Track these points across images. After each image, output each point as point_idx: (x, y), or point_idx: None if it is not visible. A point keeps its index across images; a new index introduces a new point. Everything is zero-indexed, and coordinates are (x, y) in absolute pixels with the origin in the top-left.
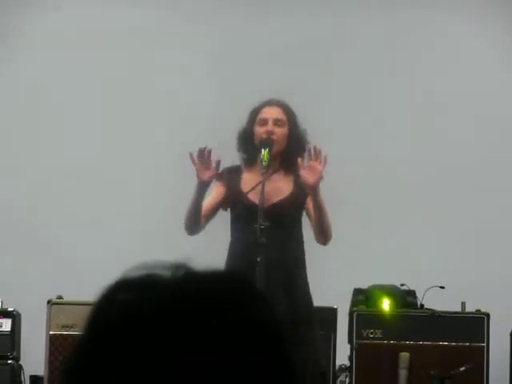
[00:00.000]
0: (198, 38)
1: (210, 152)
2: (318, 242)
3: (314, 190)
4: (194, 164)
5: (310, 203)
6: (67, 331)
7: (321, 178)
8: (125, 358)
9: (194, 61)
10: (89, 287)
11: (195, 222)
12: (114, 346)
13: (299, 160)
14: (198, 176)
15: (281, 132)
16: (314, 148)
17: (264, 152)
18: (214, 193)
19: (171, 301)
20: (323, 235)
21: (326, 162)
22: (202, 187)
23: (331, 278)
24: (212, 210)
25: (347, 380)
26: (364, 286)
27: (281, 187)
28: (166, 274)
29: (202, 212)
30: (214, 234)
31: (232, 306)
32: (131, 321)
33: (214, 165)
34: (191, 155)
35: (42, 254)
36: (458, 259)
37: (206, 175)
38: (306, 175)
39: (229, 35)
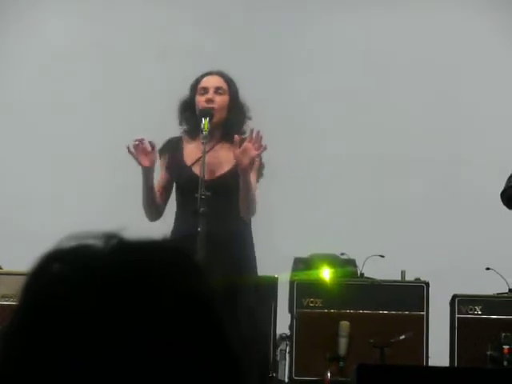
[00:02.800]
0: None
1: (141, 140)
2: (242, 215)
3: (244, 171)
4: (132, 155)
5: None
6: (7, 301)
7: (253, 162)
8: (56, 330)
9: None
10: (29, 257)
11: (151, 207)
12: (46, 317)
13: (236, 136)
14: (139, 164)
15: (221, 100)
16: (257, 133)
17: (204, 121)
18: (159, 176)
19: (102, 271)
20: (246, 211)
21: (263, 149)
22: (147, 172)
23: (271, 248)
24: (163, 193)
25: (287, 349)
26: (304, 255)
27: (224, 159)
28: (99, 243)
29: (157, 196)
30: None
31: (164, 276)
32: (63, 292)
33: (150, 149)
34: (128, 148)
35: None
36: (397, 228)
37: (147, 161)
38: (240, 155)
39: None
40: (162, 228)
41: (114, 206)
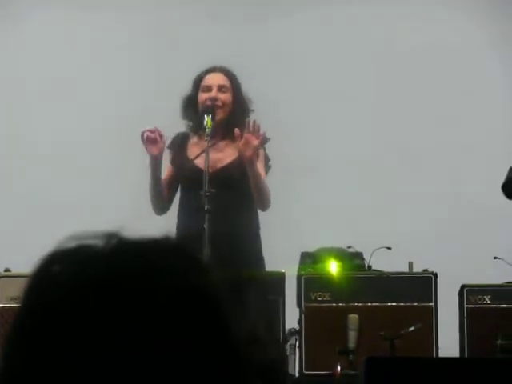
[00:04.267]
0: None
1: (155, 130)
2: (258, 208)
3: (250, 161)
4: (143, 141)
5: (248, 171)
6: (17, 303)
7: (256, 151)
8: (58, 331)
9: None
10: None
11: (158, 198)
12: (47, 318)
13: (236, 130)
14: (147, 152)
15: (225, 98)
16: (254, 122)
17: (207, 118)
18: (165, 171)
19: (103, 271)
20: (261, 202)
21: (263, 139)
22: (155, 162)
23: (278, 242)
24: (169, 187)
25: (297, 343)
26: (311, 249)
27: (226, 154)
28: (99, 243)
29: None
30: None
31: (165, 275)
32: (63, 293)
33: (160, 138)
34: (142, 133)
35: None
36: (404, 219)
37: (155, 149)
38: (243, 147)
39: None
40: (166, 225)
41: (125, 205)
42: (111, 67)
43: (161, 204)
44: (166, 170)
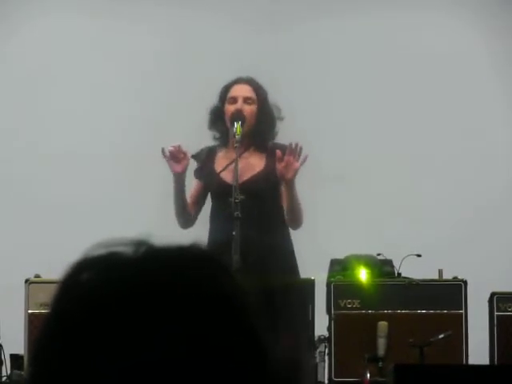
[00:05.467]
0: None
1: (177, 147)
2: (289, 226)
3: (289, 183)
4: (165, 158)
5: (284, 192)
6: (46, 309)
7: (296, 173)
8: (89, 337)
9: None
10: (67, 266)
11: (183, 213)
12: (77, 325)
13: (278, 152)
14: (171, 170)
15: (250, 110)
16: (296, 145)
17: (237, 125)
18: (194, 185)
19: (132, 278)
20: (294, 222)
21: (304, 160)
22: (178, 179)
23: (308, 250)
24: (195, 201)
25: (326, 350)
26: (341, 256)
27: (252, 164)
28: (128, 251)
29: (189, 205)
30: None
31: (194, 281)
32: (93, 301)
33: (183, 155)
34: (163, 151)
35: (20, 233)
36: (434, 227)
37: (179, 167)
38: (283, 170)
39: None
40: (198, 234)
41: (147, 213)
42: (137, 78)
43: (186, 218)
44: (194, 187)
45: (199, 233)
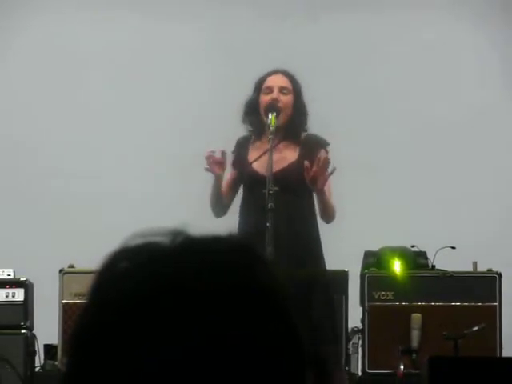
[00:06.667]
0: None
1: (212, 153)
2: (322, 220)
3: (320, 192)
4: (207, 161)
5: (316, 196)
6: (80, 299)
7: (325, 183)
8: (128, 327)
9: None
10: (102, 255)
11: (218, 206)
12: (117, 315)
13: (306, 162)
14: (211, 171)
15: (286, 100)
16: (324, 159)
17: (271, 116)
18: (228, 175)
19: (171, 268)
20: (327, 219)
21: (332, 172)
22: (218, 177)
23: (342, 241)
24: (229, 190)
25: (360, 342)
26: (375, 248)
27: (285, 156)
28: (165, 241)
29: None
30: None
31: (232, 272)
32: (133, 290)
33: (221, 159)
34: (208, 157)
35: (54, 223)
36: (468, 219)
37: (218, 169)
38: (312, 180)
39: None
40: (228, 223)
41: (182, 204)
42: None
43: (220, 209)
44: (228, 177)
45: (228, 225)
